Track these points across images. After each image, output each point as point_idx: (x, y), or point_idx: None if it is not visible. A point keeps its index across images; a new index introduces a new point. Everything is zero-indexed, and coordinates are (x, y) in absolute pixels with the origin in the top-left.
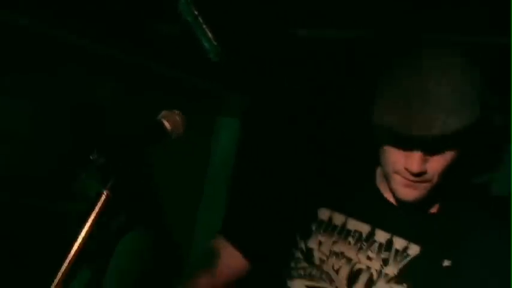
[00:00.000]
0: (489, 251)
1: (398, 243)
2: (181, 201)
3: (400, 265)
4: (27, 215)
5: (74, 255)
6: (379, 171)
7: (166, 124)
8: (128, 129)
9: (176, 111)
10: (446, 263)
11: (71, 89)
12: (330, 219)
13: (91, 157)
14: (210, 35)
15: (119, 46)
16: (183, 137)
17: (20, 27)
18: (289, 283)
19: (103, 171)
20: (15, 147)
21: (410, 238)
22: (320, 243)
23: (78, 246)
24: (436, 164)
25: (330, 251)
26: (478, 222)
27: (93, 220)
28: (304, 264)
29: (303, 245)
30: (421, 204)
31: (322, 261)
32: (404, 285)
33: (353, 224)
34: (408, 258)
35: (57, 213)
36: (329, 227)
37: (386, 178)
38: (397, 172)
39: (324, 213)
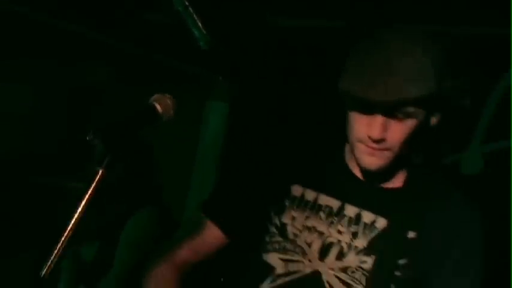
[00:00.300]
0: (451, 222)
1: (367, 217)
2: (171, 182)
3: (369, 238)
4: (34, 192)
5: (69, 231)
6: (347, 148)
7: (158, 107)
8: (121, 111)
9: (167, 95)
10: (411, 234)
11: (67, 73)
12: (302, 195)
13: (87, 138)
14: (199, 24)
15: (114, 34)
16: (173, 119)
17: (20, 15)
18: (265, 256)
19: (98, 151)
20: (17, 128)
21: (378, 212)
22: (293, 218)
23: (74, 223)
24: (397, 132)
25: (303, 225)
26: (442, 195)
27: (89, 196)
28: (278, 238)
29: (277, 221)
30: (387, 177)
31: (295, 235)
32: (373, 256)
33: (324, 200)
34: (376, 231)
35: (57, 189)
36: (301, 203)
37: (352, 149)
38: (360, 140)
39: (296, 190)
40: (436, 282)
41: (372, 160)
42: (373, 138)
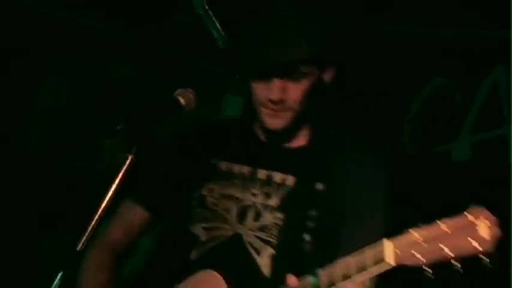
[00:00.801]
0: (357, 174)
1: (277, 177)
2: None
3: (280, 196)
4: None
5: (101, 211)
6: (255, 118)
7: (181, 100)
8: (148, 104)
9: (189, 90)
10: (319, 186)
11: (98, 70)
12: (218, 167)
13: (118, 127)
14: (218, 26)
15: (142, 34)
16: (195, 111)
17: (59, 19)
18: (190, 228)
19: (128, 139)
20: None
21: (286, 171)
22: (211, 189)
23: (106, 203)
24: (295, 92)
25: (220, 194)
26: (347, 149)
27: (120, 180)
28: (199, 209)
29: (197, 194)
30: (291, 137)
31: (214, 204)
32: (285, 212)
33: (237, 168)
34: (286, 189)
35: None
36: (217, 175)
37: (258, 115)
38: (262, 104)
39: (212, 163)
40: (343, 231)
41: (276, 121)
42: (273, 100)
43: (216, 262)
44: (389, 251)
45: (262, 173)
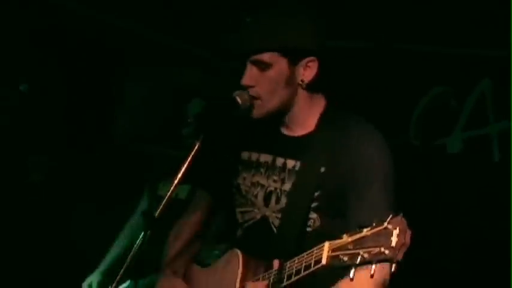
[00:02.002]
0: (353, 155)
1: (289, 163)
2: None
3: (292, 180)
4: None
5: (174, 186)
6: None
7: (238, 99)
8: (213, 102)
9: (245, 91)
10: (322, 169)
11: (172, 77)
12: (249, 158)
13: (189, 120)
14: None
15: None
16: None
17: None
18: (235, 211)
19: (196, 129)
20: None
21: (296, 157)
22: (244, 178)
23: (179, 179)
24: (261, 82)
25: (251, 182)
26: (347, 133)
27: (189, 161)
28: (236, 196)
29: (235, 183)
30: (298, 126)
31: (246, 191)
32: (296, 194)
33: (262, 157)
34: (296, 174)
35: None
36: (249, 165)
37: None
38: None
39: (244, 155)
40: (344, 205)
41: (253, 110)
42: (242, 86)
43: (250, 239)
44: (325, 253)
45: (279, 161)
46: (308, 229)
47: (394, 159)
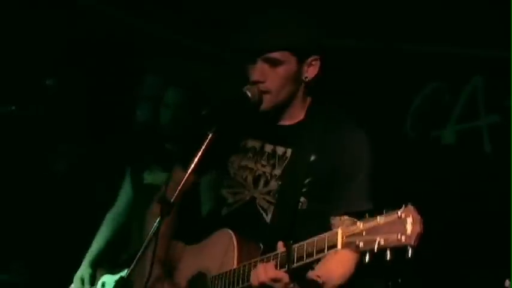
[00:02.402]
0: (342, 144)
1: (280, 150)
2: None
3: (282, 166)
4: None
5: (190, 172)
6: None
7: (249, 93)
8: (225, 96)
9: (255, 86)
10: (312, 157)
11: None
12: (237, 142)
13: (203, 112)
14: None
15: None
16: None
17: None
18: (221, 192)
19: (211, 121)
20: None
21: (286, 145)
22: (233, 161)
23: (192, 168)
24: (272, 77)
25: (239, 165)
26: (335, 123)
27: (204, 150)
28: (225, 177)
29: (225, 165)
30: (289, 116)
31: (235, 174)
32: (286, 179)
33: (250, 143)
34: (287, 160)
35: None
36: (236, 149)
37: None
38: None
39: (234, 139)
40: (334, 188)
41: (263, 104)
42: (253, 81)
43: (238, 219)
44: (340, 239)
45: (268, 147)
46: (300, 211)
47: (393, 150)
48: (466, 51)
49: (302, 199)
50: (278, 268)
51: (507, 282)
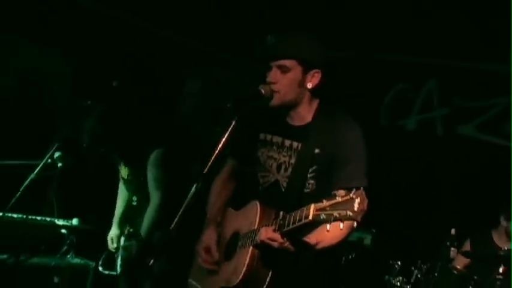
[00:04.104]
0: (340, 138)
1: (294, 145)
2: None
3: (295, 157)
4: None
5: (217, 153)
6: None
7: (262, 91)
8: (243, 92)
9: (268, 85)
10: (316, 150)
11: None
12: (265, 138)
13: (228, 105)
14: None
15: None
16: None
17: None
18: (256, 175)
19: (233, 112)
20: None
21: (299, 140)
22: (262, 152)
23: (219, 149)
24: (282, 80)
25: (267, 155)
26: (335, 122)
27: (227, 135)
28: (258, 165)
29: (255, 155)
30: (300, 118)
31: (264, 162)
32: (297, 167)
33: (274, 139)
34: (298, 152)
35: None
36: (265, 143)
37: None
38: None
39: (262, 136)
40: (332, 173)
41: (272, 100)
42: (268, 82)
43: (267, 194)
44: (311, 212)
45: (287, 142)
46: (306, 191)
47: (370, 135)
48: (424, 60)
49: (311, 182)
50: (276, 231)
51: (453, 231)
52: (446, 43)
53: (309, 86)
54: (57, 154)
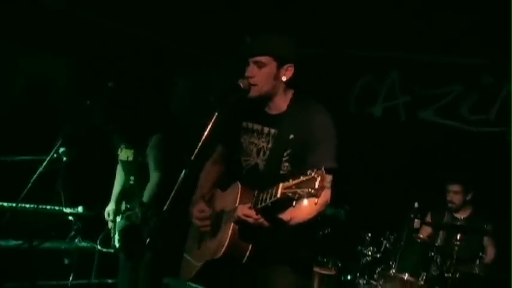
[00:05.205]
0: (312, 124)
1: (271, 131)
2: None
3: (272, 142)
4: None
5: (203, 141)
6: None
7: (241, 84)
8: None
9: (246, 79)
10: (291, 136)
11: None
12: (247, 126)
13: (211, 99)
14: None
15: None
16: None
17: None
18: (239, 158)
19: (215, 105)
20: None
21: (275, 127)
22: (244, 139)
23: (205, 137)
24: (258, 75)
25: (248, 141)
26: (308, 108)
27: (210, 128)
28: (241, 149)
29: (239, 141)
30: (276, 107)
31: (246, 147)
32: (274, 151)
33: (255, 126)
34: (275, 138)
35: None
36: (247, 130)
37: None
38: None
39: (244, 124)
40: (305, 156)
41: (251, 92)
42: (246, 76)
43: (248, 176)
44: (279, 190)
45: (265, 129)
46: (282, 172)
47: (341, 122)
48: (387, 54)
49: (286, 164)
50: (251, 208)
51: (416, 204)
52: (406, 38)
53: (284, 78)
54: (61, 149)
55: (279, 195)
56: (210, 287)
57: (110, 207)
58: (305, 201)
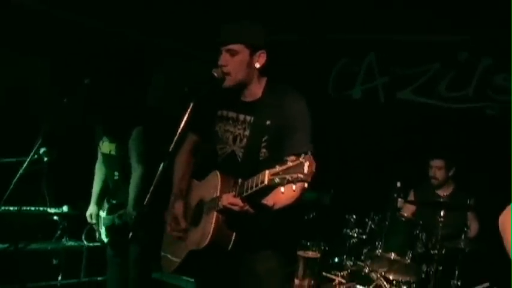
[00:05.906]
0: (288, 109)
1: (248, 118)
2: None
3: (249, 129)
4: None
5: (180, 132)
6: None
7: (215, 73)
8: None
9: (219, 68)
10: (268, 122)
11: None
12: (222, 114)
13: (186, 90)
14: None
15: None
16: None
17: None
18: (215, 147)
19: (190, 95)
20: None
21: (251, 114)
22: (220, 126)
23: (181, 128)
24: (231, 63)
25: (224, 129)
26: (283, 95)
27: (187, 116)
28: (216, 138)
29: (214, 129)
30: (252, 94)
31: (222, 135)
32: (251, 138)
33: (230, 114)
34: (252, 125)
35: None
36: (222, 118)
37: None
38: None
39: (219, 113)
40: (283, 141)
41: (225, 81)
42: (219, 65)
43: (225, 164)
44: (266, 177)
45: (241, 117)
46: (260, 158)
47: (321, 105)
48: (364, 36)
49: (264, 150)
50: (236, 196)
51: (398, 183)
52: (381, 20)
53: (257, 65)
54: (42, 149)
55: (266, 182)
56: (196, 276)
57: (92, 209)
58: (283, 188)
